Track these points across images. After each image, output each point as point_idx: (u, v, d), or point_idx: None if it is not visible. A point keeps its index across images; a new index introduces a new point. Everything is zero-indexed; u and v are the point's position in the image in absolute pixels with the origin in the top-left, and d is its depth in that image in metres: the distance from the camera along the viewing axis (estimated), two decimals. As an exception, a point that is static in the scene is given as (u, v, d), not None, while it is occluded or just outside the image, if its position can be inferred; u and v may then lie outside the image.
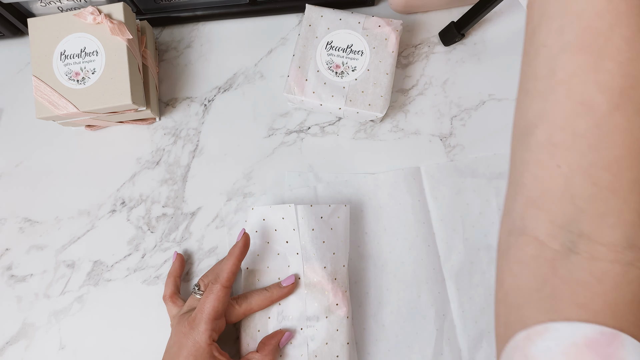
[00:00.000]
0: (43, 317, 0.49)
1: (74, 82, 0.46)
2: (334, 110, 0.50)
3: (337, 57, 0.49)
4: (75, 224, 0.51)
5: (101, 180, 0.52)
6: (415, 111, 0.54)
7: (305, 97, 0.48)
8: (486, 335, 0.48)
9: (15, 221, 0.51)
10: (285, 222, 0.46)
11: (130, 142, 0.53)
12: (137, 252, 0.51)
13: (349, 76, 0.49)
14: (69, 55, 0.46)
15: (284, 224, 0.46)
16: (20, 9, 0.51)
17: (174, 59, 0.55)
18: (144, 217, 0.51)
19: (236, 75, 0.54)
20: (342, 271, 0.45)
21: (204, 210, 0.51)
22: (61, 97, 0.46)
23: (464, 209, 0.51)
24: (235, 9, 0.54)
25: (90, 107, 0.46)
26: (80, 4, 0.51)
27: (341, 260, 0.46)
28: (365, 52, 0.49)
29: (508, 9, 0.56)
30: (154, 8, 0.53)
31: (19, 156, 0.53)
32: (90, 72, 0.46)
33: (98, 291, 0.50)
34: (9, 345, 0.49)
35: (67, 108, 0.46)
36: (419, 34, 0.55)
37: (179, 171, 0.52)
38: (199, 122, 0.53)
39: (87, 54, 0.46)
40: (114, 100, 0.46)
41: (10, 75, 0.55)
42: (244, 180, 0.52)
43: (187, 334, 0.40)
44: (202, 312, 0.40)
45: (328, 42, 0.49)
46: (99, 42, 0.46)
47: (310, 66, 0.49)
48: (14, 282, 0.50)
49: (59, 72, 0.46)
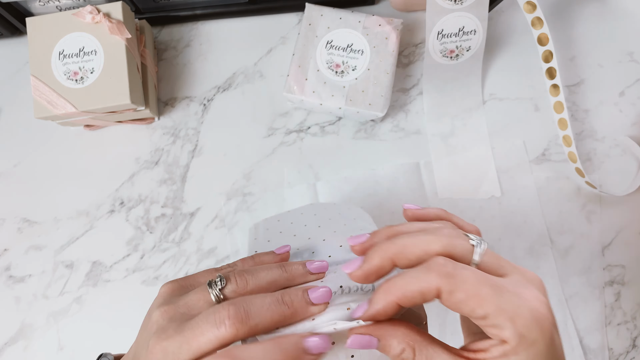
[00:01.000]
0: (42, 318, 0.49)
1: (72, 81, 0.46)
2: (334, 109, 0.49)
3: (337, 57, 0.49)
4: (74, 225, 0.51)
5: (100, 180, 0.52)
6: (416, 111, 0.53)
7: (305, 97, 0.48)
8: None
9: (14, 221, 0.51)
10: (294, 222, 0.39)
11: (129, 142, 0.53)
12: (136, 253, 0.50)
13: (349, 75, 0.48)
14: (68, 54, 0.46)
15: (291, 223, 0.40)
16: (19, 8, 0.50)
17: (173, 59, 0.55)
18: (142, 218, 0.51)
19: (236, 74, 0.54)
20: None
21: (203, 211, 0.51)
22: (59, 96, 0.45)
23: (464, 209, 0.51)
24: (235, 8, 0.54)
25: (88, 107, 0.45)
26: (79, 3, 0.50)
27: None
28: (365, 51, 0.49)
29: (508, 9, 0.55)
30: (153, 7, 0.53)
31: (18, 156, 0.53)
32: (89, 72, 0.46)
33: (97, 292, 0.50)
34: (7, 346, 0.49)
35: (66, 108, 0.45)
36: (420, 33, 0.55)
37: (178, 171, 0.52)
38: (198, 122, 0.53)
39: (86, 53, 0.46)
40: (113, 99, 0.45)
41: (9, 74, 0.54)
42: (244, 180, 0.52)
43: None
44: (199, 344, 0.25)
45: (328, 42, 0.49)
46: (97, 42, 0.46)
47: (310, 65, 0.49)
48: (12, 282, 0.50)
49: (58, 71, 0.46)
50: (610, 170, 0.52)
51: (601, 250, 0.51)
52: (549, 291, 0.50)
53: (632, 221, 0.51)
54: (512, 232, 0.50)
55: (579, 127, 0.53)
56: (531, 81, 0.54)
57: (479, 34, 0.49)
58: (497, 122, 0.53)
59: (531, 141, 0.53)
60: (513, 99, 0.53)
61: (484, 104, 0.53)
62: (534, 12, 0.48)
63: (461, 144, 0.52)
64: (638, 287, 0.50)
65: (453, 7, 0.48)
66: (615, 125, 0.53)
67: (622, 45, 0.55)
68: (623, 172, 0.52)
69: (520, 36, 0.55)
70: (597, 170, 0.52)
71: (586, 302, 0.50)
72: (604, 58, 0.54)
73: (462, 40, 0.50)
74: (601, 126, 0.53)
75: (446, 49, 0.50)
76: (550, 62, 0.50)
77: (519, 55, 0.54)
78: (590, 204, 0.51)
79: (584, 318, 0.49)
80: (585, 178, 0.50)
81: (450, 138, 0.52)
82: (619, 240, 0.51)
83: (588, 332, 0.49)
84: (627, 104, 0.53)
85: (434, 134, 0.53)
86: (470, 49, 0.50)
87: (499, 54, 0.54)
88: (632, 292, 0.50)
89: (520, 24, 0.55)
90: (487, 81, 0.54)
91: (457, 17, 0.48)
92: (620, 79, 0.54)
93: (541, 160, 0.52)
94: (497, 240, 0.50)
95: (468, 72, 0.53)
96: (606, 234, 0.51)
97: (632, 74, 0.54)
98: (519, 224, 0.51)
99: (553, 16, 0.55)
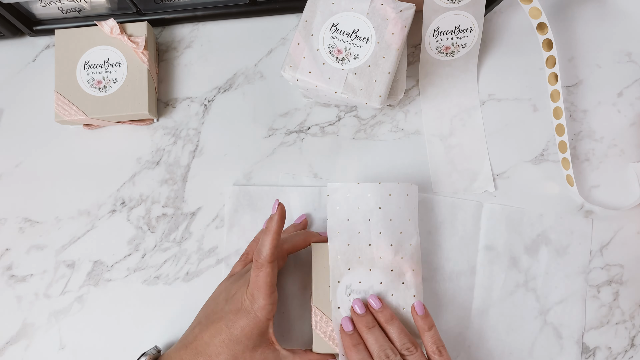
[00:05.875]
0: (43, 317, 0.49)
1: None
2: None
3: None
4: (75, 224, 0.51)
5: (101, 180, 0.52)
6: (415, 111, 0.54)
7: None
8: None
9: (15, 221, 0.51)
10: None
11: (130, 143, 0.53)
12: (137, 252, 0.51)
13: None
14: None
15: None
16: (21, 9, 0.51)
17: (174, 59, 0.55)
18: (144, 217, 0.51)
19: (236, 75, 0.54)
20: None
21: (204, 210, 0.51)
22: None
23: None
24: (235, 9, 0.54)
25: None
26: (80, 5, 0.51)
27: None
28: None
29: (507, 10, 0.56)
30: (154, 8, 0.53)
31: (19, 156, 0.53)
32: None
33: (98, 291, 0.50)
34: (9, 345, 0.49)
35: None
36: (419, 34, 0.55)
37: (179, 171, 0.52)
38: (199, 122, 0.53)
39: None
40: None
41: (11, 75, 0.55)
42: (244, 180, 0.52)
43: (248, 308, 0.40)
44: (259, 289, 0.40)
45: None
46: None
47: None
48: (14, 282, 0.50)
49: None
50: (610, 170, 0.52)
51: (599, 249, 0.51)
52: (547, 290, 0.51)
53: (631, 221, 0.51)
54: (512, 231, 0.51)
55: (577, 128, 0.53)
56: (530, 82, 0.54)
57: (474, 31, 0.50)
58: (496, 122, 0.53)
59: (530, 141, 0.53)
60: (511, 100, 0.54)
61: (483, 104, 0.54)
62: (540, 18, 0.49)
63: (457, 140, 0.53)
64: (636, 286, 0.50)
65: (450, 6, 0.48)
66: (614, 126, 0.53)
67: (621, 46, 0.55)
68: (622, 173, 0.52)
69: (519, 37, 0.55)
70: (595, 170, 0.52)
71: (584, 302, 0.50)
72: (602, 59, 0.55)
73: (457, 38, 0.50)
74: (599, 126, 0.53)
75: (442, 45, 0.50)
76: (553, 68, 0.50)
77: (517, 56, 0.54)
78: (588, 204, 0.51)
79: (581, 318, 0.50)
80: (574, 187, 0.50)
81: (446, 135, 0.53)
82: (617, 239, 0.51)
83: (586, 331, 0.50)
84: (626, 105, 0.54)
85: (431, 133, 0.53)
86: (465, 46, 0.50)
87: (498, 54, 0.55)
88: (631, 291, 0.50)
89: (519, 25, 0.55)
90: (485, 82, 0.54)
91: (453, 15, 0.48)
92: (618, 79, 0.54)
93: (539, 160, 0.53)
94: (495, 239, 0.50)
95: (464, 68, 0.53)
96: (604, 234, 0.51)
97: (631, 75, 0.54)
98: (518, 223, 0.51)
99: (552, 17, 0.56)
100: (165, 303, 0.50)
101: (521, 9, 0.55)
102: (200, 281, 0.50)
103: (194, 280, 0.50)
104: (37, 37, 0.55)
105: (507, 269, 0.50)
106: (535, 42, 0.53)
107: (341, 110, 0.54)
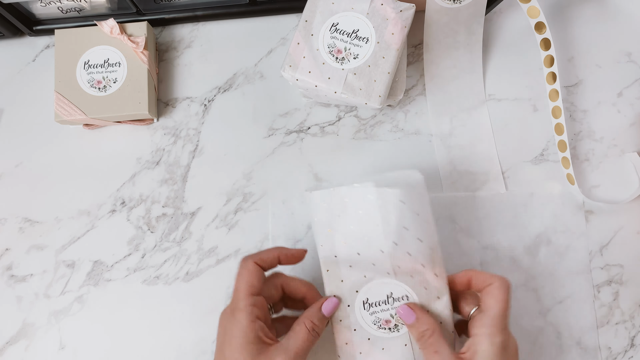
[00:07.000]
0: (43, 317, 0.49)
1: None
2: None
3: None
4: (75, 224, 0.51)
5: (101, 180, 0.52)
6: (415, 111, 0.54)
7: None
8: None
9: (15, 221, 0.51)
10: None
11: (130, 142, 0.53)
12: (137, 252, 0.51)
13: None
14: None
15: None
16: (20, 9, 0.51)
17: (174, 59, 0.55)
18: (144, 217, 0.51)
19: (236, 75, 0.55)
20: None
21: (204, 210, 0.51)
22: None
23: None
24: (235, 9, 0.54)
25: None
26: (80, 5, 0.51)
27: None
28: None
29: (507, 10, 0.56)
30: (154, 8, 0.53)
31: (19, 156, 0.53)
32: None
33: (98, 291, 0.50)
34: (9, 345, 0.49)
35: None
36: (419, 34, 0.55)
37: (179, 171, 0.52)
38: (199, 122, 0.53)
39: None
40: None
41: (11, 75, 0.55)
42: (244, 180, 0.52)
43: (230, 316, 0.38)
44: (238, 290, 0.38)
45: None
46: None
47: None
48: (14, 282, 0.50)
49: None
50: (609, 171, 0.52)
51: (599, 249, 0.51)
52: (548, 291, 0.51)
53: (630, 221, 0.51)
54: (512, 231, 0.51)
55: (577, 128, 0.53)
56: (530, 82, 0.54)
57: None
58: (496, 122, 0.53)
59: (530, 141, 0.53)
60: (512, 100, 0.54)
61: (484, 104, 0.54)
62: (538, 17, 0.49)
63: (465, 141, 0.53)
64: (636, 286, 0.50)
65: (452, 6, 0.48)
66: (614, 126, 0.53)
67: (620, 46, 0.55)
68: (622, 173, 0.52)
69: (518, 37, 0.55)
70: (595, 170, 0.52)
71: (584, 302, 0.50)
72: (602, 59, 0.55)
73: None
74: (599, 127, 0.53)
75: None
76: (551, 67, 0.50)
77: (517, 56, 0.55)
78: (588, 203, 0.52)
79: (582, 317, 0.50)
80: (574, 185, 0.50)
81: (452, 135, 0.53)
82: (617, 239, 0.51)
83: (586, 331, 0.49)
84: (625, 105, 0.54)
85: (436, 133, 0.53)
86: None
87: (498, 54, 0.55)
88: (630, 291, 0.50)
89: (519, 25, 0.55)
90: (485, 82, 0.54)
91: None
92: (618, 79, 0.54)
93: (539, 160, 0.53)
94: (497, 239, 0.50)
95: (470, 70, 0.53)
96: (604, 234, 0.51)
97: (630, 75, 0.54)
98: (518, 223, 0.51)
99: (551, 17, 0.56)
100: (165, 303, 0.50)
101: (521, 9, 0.55)
102: (200, 281, 0.50)
103: (194, 280, 0.50)
104: (37, 37, 0.55)
105: (507, 269, 0.50)
106: (535, 42, 0.53)
107: (341, 110, 0.54)
